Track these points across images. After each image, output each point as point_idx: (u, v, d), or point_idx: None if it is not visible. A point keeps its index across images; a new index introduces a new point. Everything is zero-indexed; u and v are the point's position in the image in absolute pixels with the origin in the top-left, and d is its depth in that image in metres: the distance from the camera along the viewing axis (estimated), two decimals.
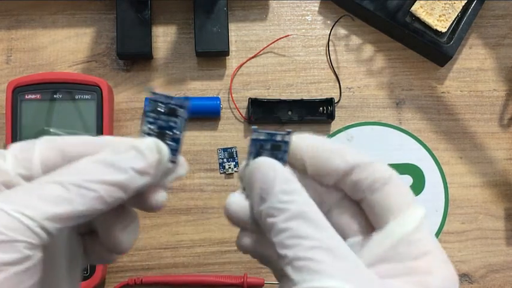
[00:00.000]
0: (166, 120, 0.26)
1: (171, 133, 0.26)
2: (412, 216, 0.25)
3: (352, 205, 0.27)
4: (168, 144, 0.26)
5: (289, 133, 0.27)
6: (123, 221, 0.26)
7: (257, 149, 0.27)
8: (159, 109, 0.26)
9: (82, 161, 0.24)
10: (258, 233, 0.27)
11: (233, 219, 0.28)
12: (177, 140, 0.26)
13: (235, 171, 0.55)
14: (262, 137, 0.27)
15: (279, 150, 0.27)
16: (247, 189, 0.27)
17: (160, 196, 0.26)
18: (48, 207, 0.22)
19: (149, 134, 0.26)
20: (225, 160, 0.55)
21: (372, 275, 0.23)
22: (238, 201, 0.27)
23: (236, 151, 0.55)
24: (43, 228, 0.22)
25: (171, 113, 0.26)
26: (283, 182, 0.25)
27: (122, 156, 0.24)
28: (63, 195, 0.22)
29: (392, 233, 0.25)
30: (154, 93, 0.26)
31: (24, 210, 0.21)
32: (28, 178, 0.24)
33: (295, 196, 0.24)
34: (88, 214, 0.23)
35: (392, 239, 0.25)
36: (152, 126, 0.26)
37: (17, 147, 0.25)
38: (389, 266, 0.24)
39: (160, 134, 0.26)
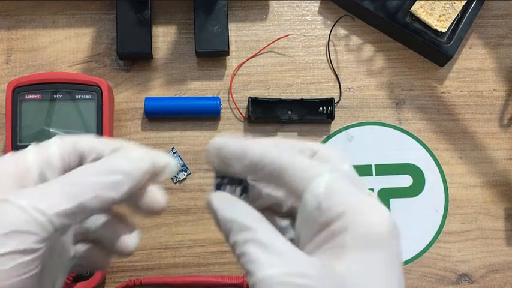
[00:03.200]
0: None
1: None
2: (316, 186, 0.26)
3: None
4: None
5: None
6: (127, 227, 0.30)
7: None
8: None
9: (82, 167, 0.27)
10: None
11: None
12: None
13: None
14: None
15: (241, 183, 0.30)
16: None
17: (156, 198, 0.29)
18: (56, 204, 0.25)
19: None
20: None
21: (301, 257, 0.25)
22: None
23: None
24: (51, 222, 0.24)
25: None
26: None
27: (114, 161, 0.27)
28: (68, 194, 0.25)
29: (303, 210, 0.26)
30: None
31: (36, 205, 0.24)
32: (49, 168, 0.28)
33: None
34: (87, 213, 0.26)
35: (305, 215, 0.26)
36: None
37: (36, 146, 0.28)
38: (316, 239, 0.26)
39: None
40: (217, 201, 0.28)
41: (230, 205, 0.28)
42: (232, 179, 0.30)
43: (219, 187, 0.30)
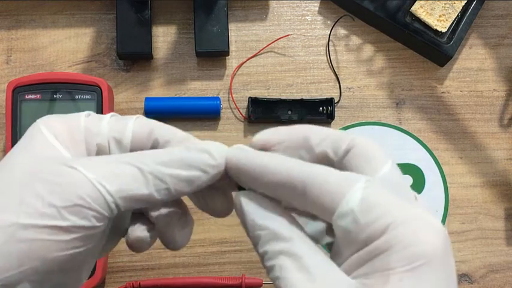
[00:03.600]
0: None
1: None
2: (350, 200, 0.22)
3: None
4: None
5: None
6: (182, 221, 0.28)
7: None
8: None
9: (161, 151, 0.26)
10: None
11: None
12: None
13: None
14: None
15: None
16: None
17: (222, 198, 0.28)
18: (126, 187, 0.24)
19: None
20: None
21: (341, 280, 0.22)
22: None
23: None
24: (116, 205, 0.24)
25: None
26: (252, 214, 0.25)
27: (195, 156, 0.26)
28: (141, 180, 0.24)
29: (337, 228, 0.23)
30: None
31: (105, 184, 0.24)
32: (118, 142, 0.27)
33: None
34: (154, 202, 0.25)
35: (341, 233, 0.23)
36: None
37: (114, 115, 0.28)
38: (354, 258, 0.23)
39: None
40: (247, 203, 0.25)
41: (261, 208, 0.25)
42: None
43: (243, 187, 0.27)
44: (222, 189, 0.28)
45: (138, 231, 0.28)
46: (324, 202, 0.23)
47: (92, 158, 0.25)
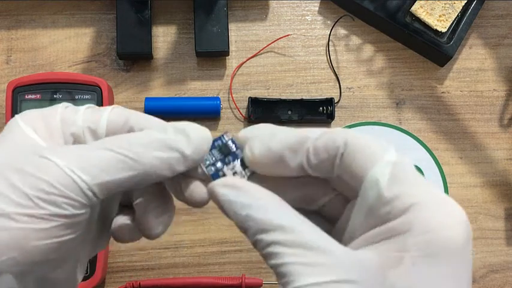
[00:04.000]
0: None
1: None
2: (380, 173, 0.22)
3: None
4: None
5: (225, 133, 0.28)
6: (160, 209, 0.27)
7: (215, 162, 0.27)
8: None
9: (137, 134, 0.25)
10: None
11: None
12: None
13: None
14: (210, 152, 0.27)
15: (230, 153, 0.27)
16: None
17: (197, 188, 0.27)
18: (101, 173, 0.23)
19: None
20: None
21: (347, 255, 0.21)
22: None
23: None
24: (92, 191, 0.23)
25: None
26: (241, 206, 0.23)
27: (173, 138, 0.25)
28: (116, 164, 0.23)
29: (365, 199, 0.22)
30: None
31: (77, 170, 0.23)
32: (93, 132, 0.26)
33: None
34: (132, 186, 0.24)
35: (363, 203, 0.22)
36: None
37: (91, 106, 0.27)
38: (370, 234, 0.22)
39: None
40: (223, 194, 0.24)
41: (241, 196, 0.23)
42: (223, 159, 0.27)
43: (216, 175, 0.26)
44: (199, 178, 0.27)
45: (120, 219, 0.28)
46: (359, 166, 0.22)
47: (66, 146, 0.25)
